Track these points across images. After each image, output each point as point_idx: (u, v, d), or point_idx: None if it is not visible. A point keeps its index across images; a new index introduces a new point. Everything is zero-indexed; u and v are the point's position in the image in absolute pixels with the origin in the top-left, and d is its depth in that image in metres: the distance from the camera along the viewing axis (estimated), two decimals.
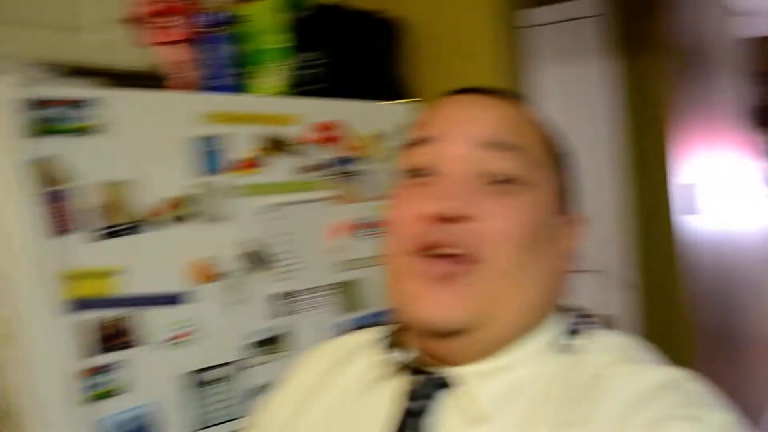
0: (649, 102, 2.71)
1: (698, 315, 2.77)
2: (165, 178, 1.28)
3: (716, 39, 3.38)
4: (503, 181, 0.68)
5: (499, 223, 0.66)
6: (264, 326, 1.43)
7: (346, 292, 1.60)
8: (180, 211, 1.29)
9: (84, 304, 1.15)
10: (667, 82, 2.66)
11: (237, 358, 1.38)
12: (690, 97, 2.93)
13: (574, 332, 0.70)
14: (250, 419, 0.90)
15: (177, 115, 1.31)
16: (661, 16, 2.65)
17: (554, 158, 0.75)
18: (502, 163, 0.68)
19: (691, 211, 2.83)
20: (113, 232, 1.19)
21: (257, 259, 1.42)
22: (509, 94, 0.78)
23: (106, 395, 1.18)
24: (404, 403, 0.68)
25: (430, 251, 0.66)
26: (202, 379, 1.31)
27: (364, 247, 1.63)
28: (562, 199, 0.75)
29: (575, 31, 2.85)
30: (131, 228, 1.22)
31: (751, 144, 3.98)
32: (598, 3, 2.76)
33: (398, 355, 0.74)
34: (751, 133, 3.98)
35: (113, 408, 1.18)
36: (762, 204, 4.08)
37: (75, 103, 1.15)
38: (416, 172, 0.71)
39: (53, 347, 1.09)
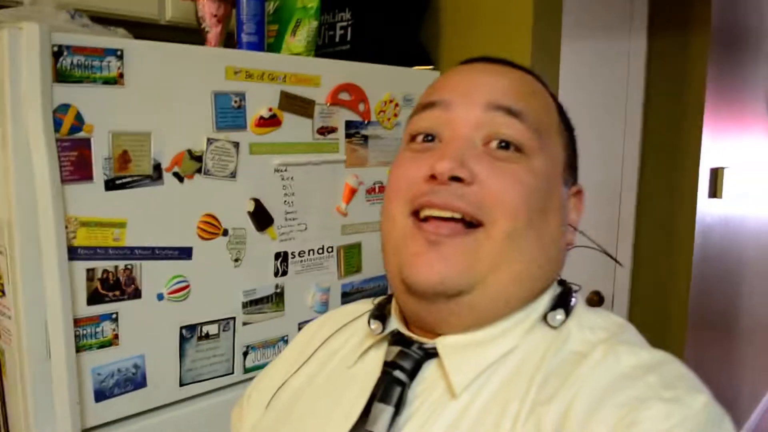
0: (682, 82, 2.66)
1: (699, 299, 2.77)
2: (181, 131, 1.29)
3: (757, 21, 3.30)
4: (507, 147, 0.68)
5: (499, 188, 0.66)
6: (264, 285, 1.45)
7: (349, 255, 1.62)
8: (192, 166, 1.30)
9: (90, 252, 1.18)
10: (700, 64, 2.62)
11: (233, 315, 1.40)
12: (725, 79, 2.88)
13: (561, 308, 0.70)
14: (250, 385, 0.92)
15: (199, 70, 1.31)
16: None
17: (562, 130, 0.75)
18: (507, 129, 0.68)
19: (714, 195, 2.82)
20: (125, 183, 1.21)
21: (262, 218, 1.43)
22: (519, 65, 0.77)
23: (102, 345, 1.21)
24: (388, 373, 0.69)
25: (428, 211, 0.67)
26: (199, 333, 1.34)
27: (370, 211, 1.65)
28: (569, 172, 0.75)
29: (606, 7, 2.80)
30: (142, 180, 1.24)
31: None
32: None
33: (387, 325, 0.75)
34: None
35: (108, 357, 1.22)
36: None
37: (99, 53, 1.16)
38: (422, 137, 0.72)
39: (57, 293, 1.11)
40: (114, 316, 1.21)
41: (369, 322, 0.77)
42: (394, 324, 0.75)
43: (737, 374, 3.59)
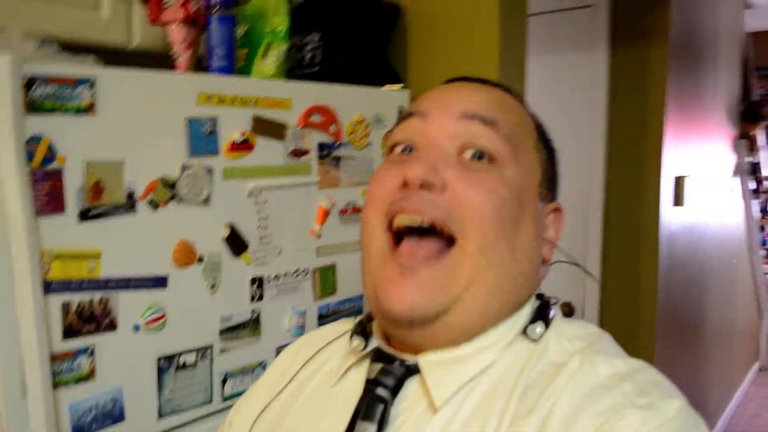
0: (643, 93, 2.71)
1: (667, 305, 2.81)
2: (154, 159, 1.28)
3: (713, 31, 3.38)
4: (480, 158, 0.69)
5: (470, 196, 0.67)
6: (241, 311, 1.44)
7: (325, 277, 1.62)
8: (166, 193, 1.29)
9: (65, 285, 1.16)
10: (661, 75, 2.67)
11: (212, 343, 1.39)
12: (684, 89, 2.94)
13: (540, 320, 0.71)
14: (231, 410, 0.92)
15: (171, 96, 1.30)
16: (657, 7, 2.65)
17: (540, 148, 0.77)
18: (480, 138, 0.70)
19: (677, 203, 2.87)
20: (98, 214, 1.20)
21: (237, 243, 1.43)
22: (500, 85, 0.79)
23: (79, 380, 1.18)
24: (371, 390, 0.69)
25: (400, 218, 0.68)
26: (176, 363, 1.32)
27: (344, 232, 1.65)
28: (547, 187, 0.77)
29: (567, 21, 2.84)
30: (116, 210, 1.22)
31: (743, 137, 4.02)
32: None
33: (369, 342, 0.76)
34: (743, 127, 4.01)
35: (86, 392, 1.19)
36: (743, 197, 4.14)
37: (71, 82, 1.14)
38: (400, 148, 0.74)
39: (33, 329, 1.09)
40: (90, 350, 1.19)
41: (351, 339, 0.77)
42: (376, 341, 0.76)
43: (707, 377, 3.65)
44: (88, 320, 1.19)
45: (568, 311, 2.70)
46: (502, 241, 0.68)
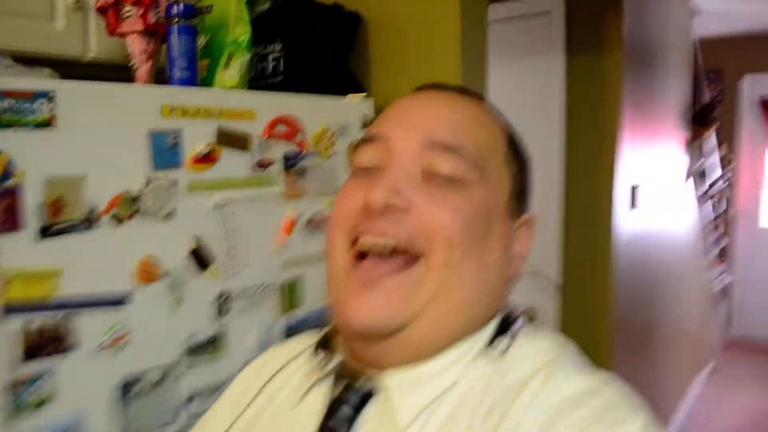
0: (599, 100, 2.75)
1: (625, 310, 2.85)
2: (116, 173, 1.25)
3: (664, 38, 3.45)
4: (444, 179, 0.69)
5: (436, 215, 0.67)
6: (205, 327, 1.41)
7: (291, 290, 1.60)
8: (129, 207, 1.26)
9: (23, 307, 1.11)
10: (616, 80, 2.71)
11: (175, 362, 1.35)
12: (639, 95, 2.99)
13: (505, 334, 0.71)
14: (193, 429, 0.90)
15: (133, 108, 1.27)
16: (611, 15, 2.69)
17: (510, 160, 0.76)
18: (444, 162, 0.69)
19: (632, 208, 2.91)
20: (59, 231, 1.16)
21: (202, 258, 1.40)
22: (469, 92, 0.78)
23: (39, 404, 1.14)
24: (335, 409, 0.69)
25: (363, 238, 0.68)
26: (139, 384, 1.28)
27: (311, 243, 1.63)
28: (517, 201, 0.76)
29: (524, 29, 2.87)
30: (77, 226, 1.18)
31: (695, 140, 4.11)
32: (548, 1, 2.78)
33: (330, 361, 0.75)
34: (695, 130, 4.10)
35: (46, 418, 1.14)
36: (696, 199, 4.23)
37: (29, 95, 1.11)
38: (364, 169, 0.73)
39: None
40: (51, 372, 1.15)
41: (313, 358, 0.76)
42: (340, 355, 0.75)
43: (664, 378, 3.71)
44: (49, 341, 1.14)
45: (530, 318, 2.72)
46: (468, 259, 0.68)
